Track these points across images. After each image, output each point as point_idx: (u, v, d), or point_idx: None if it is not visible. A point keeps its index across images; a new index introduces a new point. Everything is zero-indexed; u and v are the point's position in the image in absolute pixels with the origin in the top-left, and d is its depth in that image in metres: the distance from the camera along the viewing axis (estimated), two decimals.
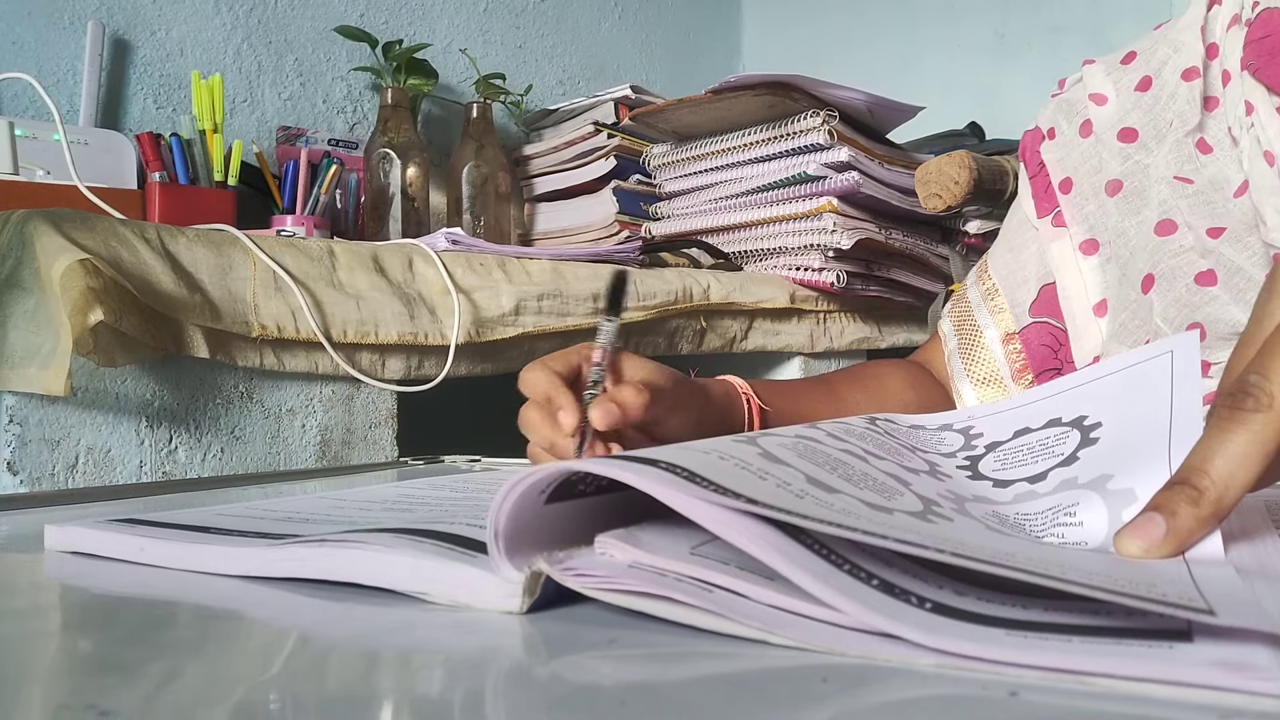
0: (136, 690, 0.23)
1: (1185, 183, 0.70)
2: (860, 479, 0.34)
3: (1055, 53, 1.95)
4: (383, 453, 1.07)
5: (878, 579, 0.26)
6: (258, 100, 1.53)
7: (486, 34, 1.84)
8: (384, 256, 1.08)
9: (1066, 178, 0.79)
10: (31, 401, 0.84)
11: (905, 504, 0.33)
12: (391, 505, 0.43)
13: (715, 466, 0.28)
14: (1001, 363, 0.82)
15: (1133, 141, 0.74)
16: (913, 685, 0.22)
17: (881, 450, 0.40)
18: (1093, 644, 0.23)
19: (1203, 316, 0.65)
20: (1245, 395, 0.32)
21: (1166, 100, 0.73)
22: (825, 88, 1.36)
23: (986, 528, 0.34)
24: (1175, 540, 0.31)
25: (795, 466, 0.32)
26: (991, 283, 0.85)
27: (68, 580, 0.36)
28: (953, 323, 0.88)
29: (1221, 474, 0.31)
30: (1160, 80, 0.74)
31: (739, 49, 2.39)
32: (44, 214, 0.86)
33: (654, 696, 0.23)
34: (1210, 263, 0.66)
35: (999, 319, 0.83)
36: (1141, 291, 0.70)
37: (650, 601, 0.27)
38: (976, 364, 0.84)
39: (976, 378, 0.84)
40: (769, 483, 0.29)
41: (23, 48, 1.32)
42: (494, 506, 0.28)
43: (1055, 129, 0.82)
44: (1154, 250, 0.70)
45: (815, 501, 0.29)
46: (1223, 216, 0.67)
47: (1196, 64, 0.72)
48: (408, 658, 0.26)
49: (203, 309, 0.92)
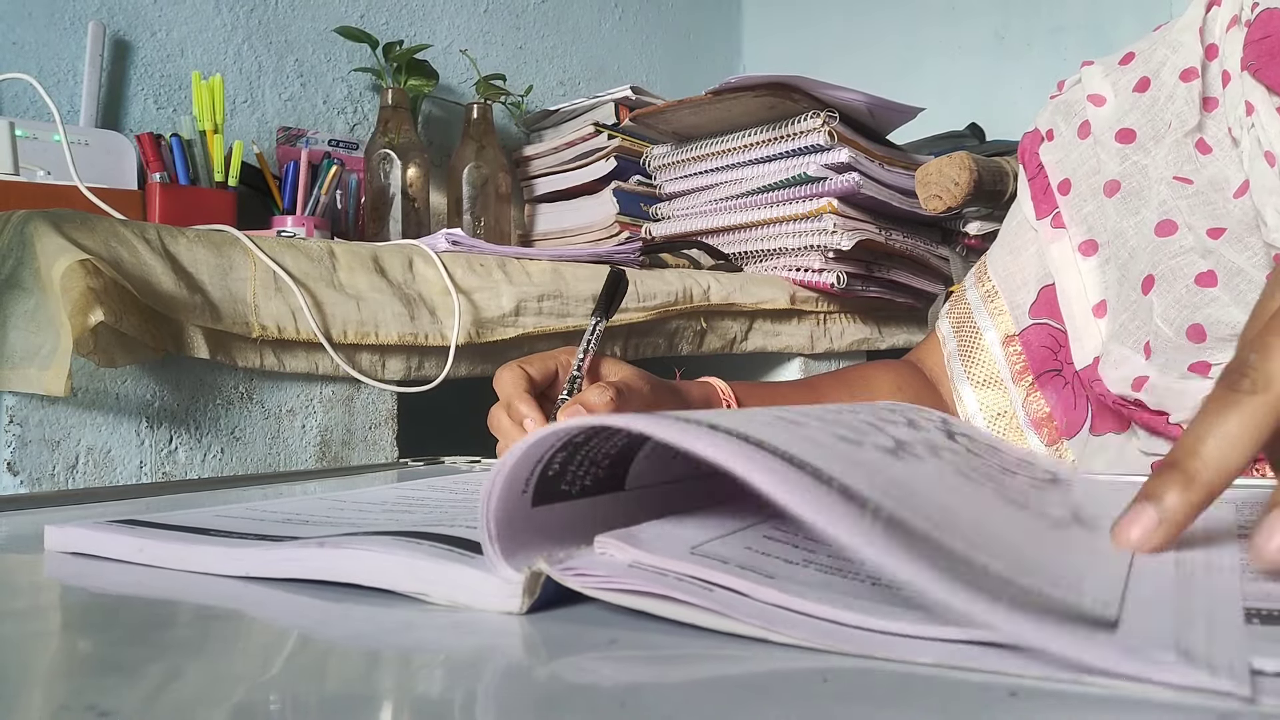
0: (136, 690, 0.23)
1: (1185, 183, 0.69)
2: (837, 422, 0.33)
3: (1055, 54, 1.95)
4: (383, 453, 1.07)
5: (839, 482, 0.25)
6: (258, 101, 1.53)
7: (487, 35, 1.84)
8: (384, 257, 1.08)
9: (1065, 179, 0.79)
10: (31, 402, 0.84)
11: (879, 440, 0.32)
12: (391, 507, 0.43)
13: (715, 421, 0.27)
14: (1002, 364, 0.82)
15: (1131, 142, 0.74)
16: (913, 685, 0.22)
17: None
18: (1023, 617, 0.22)
19: (1203, 318, 0.65)
20: (1241, 376, 0.32)
21: (1165, 101, 0.73)
22: (825, 89, 1.36)
23: (956, 471, 0.34)
24: (1168, 528, 0.31)
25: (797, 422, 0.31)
26: (991, 284, 0.85)
27: (68, 580, 0.36)
28: (952, 324, 0.87)
29: (1213, 456, 0.31)
30: (1159, 81, 0.74)
31: (739, 50, 2.39)
32: (44, 214, 0.86)
33: (654, 697, 0.23)
34: (1210, 263, 0.66)
35: (999, 320, 0.83)
36: (1142, 292, 0.70)
37: (651, 601, 0.26)
38: (976, 366, 0.84)
39: (977, 380, 0.83)
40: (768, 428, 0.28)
41: (23, 48, 1.32)
42: (482, 503, 0.28)
43: (1054, 130, 0.82)
44: (1154, 251, 0.70)
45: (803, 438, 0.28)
46: (1223, 217, 0.67)
47: (1195, 64, 0.72)
48: (407, 658, 0.26)
49: (203, 309, 0.92)
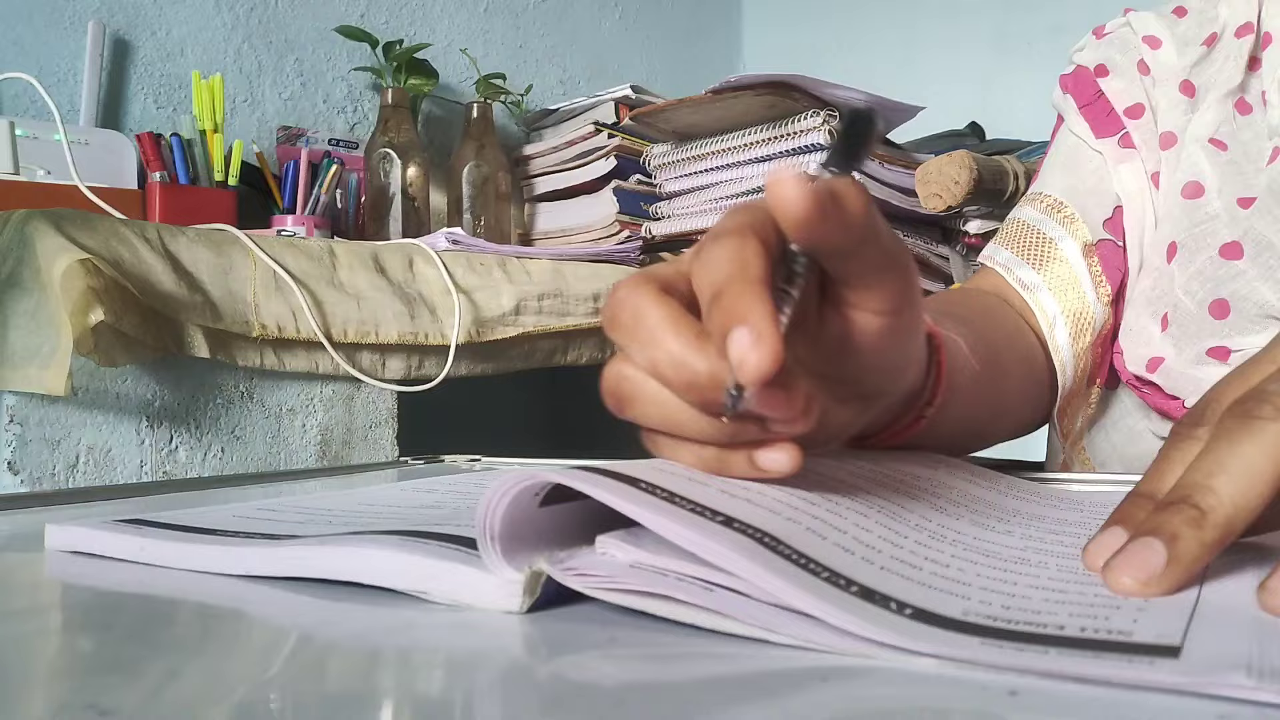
0: (136, 690, 0.23)
1: (1219, 148, 0.65)
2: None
3: (1055, 52, 1.94)
4: (383, 452, 1.07)
5: (856, 585, 0.26)
6: (258, 100, 1.53)
7: (487, 34, 1.84)
8: (384, 256, 1.08)
9: (1136, 104, 0.71)
10: (32, 401, 0.84)
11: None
12: (392, 506, 0.43)
13: (687, 489, 0.29)
14: (1083, 275, 0.68)
15: (1191, 97, 0.69)
16: (913, 685, 0.22)
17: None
18: (1070, 656, 0.23)
19: (1228, 292, 0.60)
20: (1261, 402, 0.28)
21: (1221, 61, 0.69)
22: (825, 87, 1.36)
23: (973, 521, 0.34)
24: (1178, 571, 0.26)
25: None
26: (1052, 198, 0.71)
27: (68, 580, 0.36)
28: (1008, 245, 0.72)
29: (1229, 492, 0.27)
30: (1223, 39, 0.70)
31: (739, 49, 2.39)
32: (44, 214, 0.86)
33: (654, 696, 0.23)
34: (1237, 233, 0.61)
35: (1073, 229, 0.69)
36: (1165, 260, 0.65)
37: (651, 601, 0.27)
38: (1054, 276, 0.69)
39: (1055, 286, 0.69)
40: (739, 502, 0.29)
41: (23, 48, 1.32)
42: (483, 511, 0.28)
43: (1108, 64, 0.73)
44: (1179, 215, 0.65)
45: (785, 520, 0.29)
46: (1254, 185, 0.63)
47: (1250, 20, 0.68)
48: (408, 657, 0.26)
49: (203, 309, 0.92)
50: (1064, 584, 0.28)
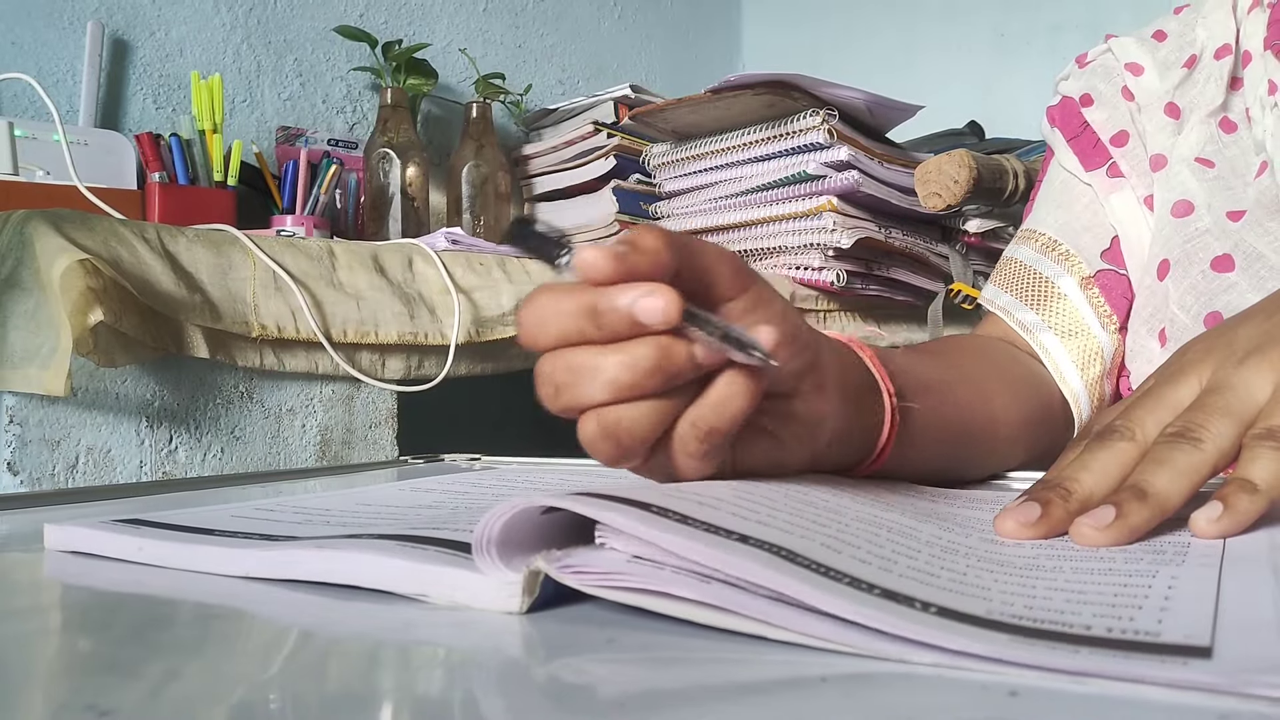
0: (136, 690, 0.23)
1: (1206, 165, 0.67)
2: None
3: (1055, 51, 1.95)
4: (383, 452, 1.07)
5: (879, 588, 0.26)
6: (257, 100, 1.53)
7: (486, 34, 1.84)
8: (384, 256, 1.08)
9: (1121, 131, 0.73)
10: (31, 401, 0.84)
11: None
12: (390, 506, 0.43)
13: (698, 511, 0.29)
14: (1085, 309, 0.70)
15: (1176, 119, 0.71)
16: (913, 685, 0.22)
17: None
18: (1099, 655, 0.23)
19: (1221, 305, 0.62)
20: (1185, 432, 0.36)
21: (1203, 82, 0.71)
22: (825, 87, 1.36)
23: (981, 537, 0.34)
24: (1152, 511, 0.35)
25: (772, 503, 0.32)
26: (1046, 236, 0.74)
27: (68, 580, 0.36)
28: (1005, 288, 0.74)
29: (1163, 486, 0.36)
30: (1202, 61, 0.72)
31: (739, 48, 2.39)
32: (44, 214, 0.86)
33: (652, 697, 0.23)
34: (1228, 246, 0.63)
35: (1070, 265, 0.71)
36: (1158, 278, 0.67)
37: (648, 598, 0.27)
38: (1055, 315, 0.71)
39: (1060, 329, 0.71)
40: (752, 521, 0.29)
41: (22, 48, 1.32)
42: (482, 526, 0.28)
43: (1092, 94, 0.76)
44: (1170, 233, 0.67)
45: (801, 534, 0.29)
46: (1242, 200, 0.65)
47: (1229, 42, 0.70)
48: (407, 657, 0.26)
49: (203, 309, 0.92)
50: (1082, 585, 0.29)
